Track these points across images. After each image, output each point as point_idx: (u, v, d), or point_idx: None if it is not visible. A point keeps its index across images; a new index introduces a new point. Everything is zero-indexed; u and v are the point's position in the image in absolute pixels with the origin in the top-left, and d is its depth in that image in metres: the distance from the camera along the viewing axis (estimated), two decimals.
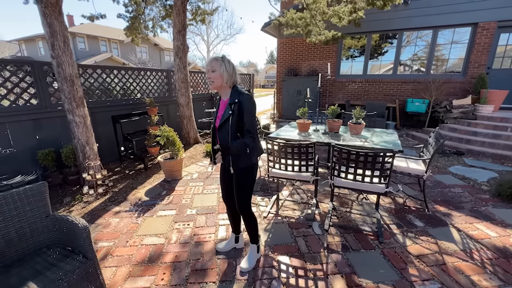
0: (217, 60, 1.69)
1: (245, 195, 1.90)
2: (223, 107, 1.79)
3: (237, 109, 1.69)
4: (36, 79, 3.53)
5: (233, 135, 1.72)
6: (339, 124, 3.40)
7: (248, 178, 1.88)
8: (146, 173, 4.13)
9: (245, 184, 1.87)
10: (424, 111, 6.86)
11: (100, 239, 2.43)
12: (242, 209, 1.93)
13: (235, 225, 2.23)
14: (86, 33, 21.85)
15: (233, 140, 1.72)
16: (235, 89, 1.76)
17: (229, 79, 1.71)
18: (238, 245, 2.28)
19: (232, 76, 1.73)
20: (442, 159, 4.61)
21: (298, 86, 8.35)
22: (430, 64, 7.21)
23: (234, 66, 1.75)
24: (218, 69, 1.68)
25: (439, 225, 2.60)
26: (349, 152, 2.26)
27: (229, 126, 1.71)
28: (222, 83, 1.71)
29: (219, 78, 1.69)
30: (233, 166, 1.79)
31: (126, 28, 5.96)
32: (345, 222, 2.67)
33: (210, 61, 1.70)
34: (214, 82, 1.71)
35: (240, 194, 1.89)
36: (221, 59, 1.70)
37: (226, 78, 1.70)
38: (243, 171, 1.83)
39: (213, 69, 1.68)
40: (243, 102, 1.69)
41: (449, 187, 3.47)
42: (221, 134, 1.77)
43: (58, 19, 2.98)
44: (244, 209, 1.93)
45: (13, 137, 3.36)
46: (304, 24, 6.04)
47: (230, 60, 1.73)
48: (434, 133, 3.03)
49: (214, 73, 1.69)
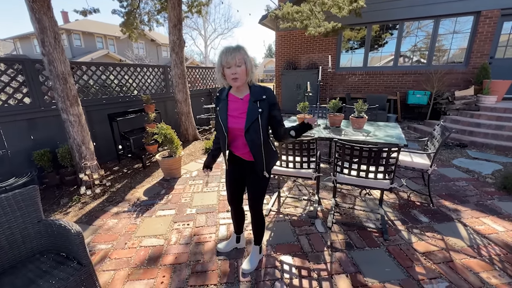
0: (241, 52, 1.45)
1: (262, 194, 1.80)
2: (241, 106, 1.57)
3: (267, 106, 1.54)
4: (28, 77, 3.42)
5: (264, 134, 1.58)
6: (340, 118, 3.31)
7: (268, 179, 1.76)
8: (144, 172, 4.06)
9: (266, 184, 1.77)
10: (425, 103, 6.75)
11: (98, 241, 2.37)
12: (256, 208, 1.82)
13: (238, 226, 2.16)
14: (82, 30, 21.49)
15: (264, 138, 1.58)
16: (254, 85, 1.59)
17: (249, 73, 1.51)
18: (239, 245, 2.22)
19: (252, 68, 1.52)
20: (445, 152, 4.53)
21: (297, 80, 8.22)
22: (431, 55, 7.07)
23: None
24: (244, 63, 1.46)
25: (445, 220, 2.54)
26: (352, 148, 2.18)
27: (260, 125, 1.53)
28: (246, 79, 1.52)
29: (244, 74, 1.48)
30: (266, 169, 1.67)
31: (122, 24, 5.81)
32: (348, 219, 2.61)
33: (233, 53, 1.43)
34: (239, 79, 1.47)
35: (258, 193, 1.78)
36: (244, 51, 1.47)
37: (250, 73, 1.51)
38: (270, 172, 1.74)
39: (239, 63, 1.44)
40: (270, 97, 1.55)
41: (454, 181, 3.40)
42: (250, 135, 1.55)
43: (47, 14, 2.86)
44: (258, 208, 1.83)
45: (6, 138, 3.27)
46: (302, 18, 5.88)
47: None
48: (439, 125, 2.94)
49: (240, 68, 1.45)
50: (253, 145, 1.57)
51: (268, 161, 1.67)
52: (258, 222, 1.90)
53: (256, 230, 1.94)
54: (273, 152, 1.74)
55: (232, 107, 1.60)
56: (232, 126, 1.59)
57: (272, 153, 1.73)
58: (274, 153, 1.75)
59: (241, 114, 1.56)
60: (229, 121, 1.59)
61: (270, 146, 1.69)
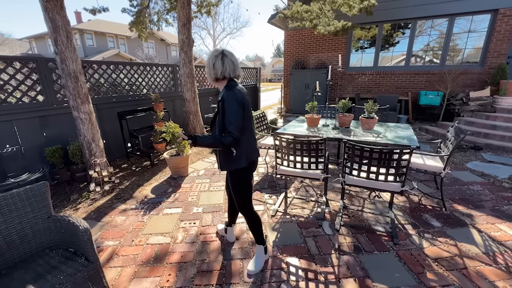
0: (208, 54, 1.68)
1: (241, 196, 1.85)
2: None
3: (221, 107, 1.61)
4: (42, 75, 3.50)
5: (219, 133, 1.66)
6: (350, 118, 3.25)
7: (240, 182, 1.80)
8: (152, 170, 4.09)
9: (237, 187, 1.81)
10: (438, 103, 6.57)
11: (106, 238, 2.40)
12: (240, 209, 1.90)
13: (229, 218, 2.26)
14: (94, 30, 21.96)
15: None
16: (227, 85, 1.67)
17: (209, 74, 1.68)
18: (228, 236, 2.29)
19: (210, 70, 1.65)
20: (458, 154, 4.39)
21: (306, 80, 8.14)
22: (445, 55, 6.86)
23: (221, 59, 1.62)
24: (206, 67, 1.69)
25: (458, 225, 2.45)
26: (362, 149, 2.13)
27: (216, 124, 1.68)
28: (209, 78, 1.71)
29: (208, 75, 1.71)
30: (220, 166, 1.79)
31: (131, 23, 5.87)
32: (356, 221, 2.55)
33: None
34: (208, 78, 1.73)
35: (236, 195, 1.85)
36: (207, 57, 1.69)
37: (207, 72, 1.70)
38: (232, 174, 1.79)
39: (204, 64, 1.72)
40: (225, 100, 1.60)
41: (467, 184, 3.28)
42: (213, 131, 1.74)
43: (60, 13, 2.91)
44: (243, 209, 1.89)
45: (20, 135, 3.36)
46: (311, 17, 5.81)
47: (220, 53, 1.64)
48: (454, 127, 2.84)
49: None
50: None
51: (222, 160, 1.75)
52: (248, 221, 1.93)
53: (250, 229, 1.97)
54: (229, 154, 1.68)
55: None
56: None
57: (228, 155, 1.69)
58: (230, 155, 1.69)
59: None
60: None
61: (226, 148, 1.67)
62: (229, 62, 1.63)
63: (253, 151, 1.82)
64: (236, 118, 1.58)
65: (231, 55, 1.67)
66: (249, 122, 1.73)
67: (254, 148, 1.83)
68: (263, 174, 3.81)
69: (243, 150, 1.70)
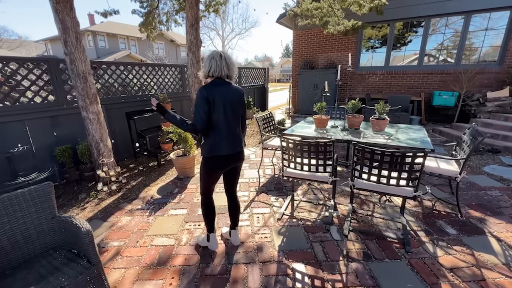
0: None
1: (201, 184, 2.06)
2: None
3: None
4: (52, 76, 3.56)
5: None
6: (360, 120, 3.15)
7: (202, 170, 1.98)
8: (159, 170, 4.10)
9: (201, 173, 2.02)
10: (453, 104, 6.33)
11: (112, 238, 2.40)
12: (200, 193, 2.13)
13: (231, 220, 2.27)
14: (106, 31, 22.48)
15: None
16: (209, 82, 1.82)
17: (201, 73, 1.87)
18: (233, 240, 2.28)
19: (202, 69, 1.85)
20: (475, 158, 4.20)
21: (314, 80, 8.03)
22: (460, 54, 6.61)
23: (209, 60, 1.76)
24: None
25: (475, 233, 2.32)
26: (372, 152, 2.04)
27: None
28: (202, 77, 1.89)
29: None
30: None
31: (141, 24, 5.94)
32: (366, 226, 2.45)
33: None
34: None
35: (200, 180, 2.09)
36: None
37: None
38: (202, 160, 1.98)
39: None
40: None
41: (485, 190, 3.12)
42: None
43: (70, 15, 2.94)
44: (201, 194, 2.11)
45: (31, 134, 3.42)
46: (321, 14, 5.71)
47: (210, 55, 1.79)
48: (470, 129, 2.70)
49: None
50: None
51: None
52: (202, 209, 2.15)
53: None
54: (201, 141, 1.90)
55: None
56: None
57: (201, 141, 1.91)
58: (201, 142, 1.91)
59: None
60: None
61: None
62: (214, 63, 1.76)
63: (218, 146, 1.85)
64: (197, 110, 1.75)
65: (219, 57, 1.76)
66: (220, 118, 1.80)
67: (221, 144, 1.85)
68: (270, 176, 3.75)
69: (208, 142, 1.85)
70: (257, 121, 3.69)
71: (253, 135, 6.28)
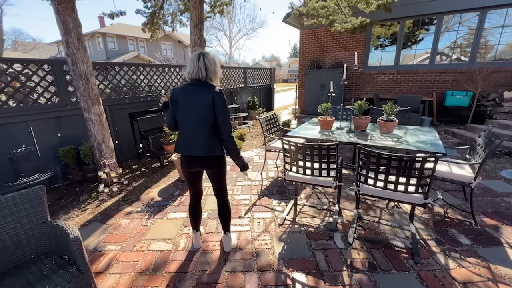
0: None
1: None
2: None
3: None
4: (56, 77, 3.57)
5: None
6: (366, 121, 3.01)
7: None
8: (161, 171, 4.07)
9: None
10: (467, 104, 6.06)
11: (109, 241, 2.36)
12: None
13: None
14: (116, 33, 22.86)
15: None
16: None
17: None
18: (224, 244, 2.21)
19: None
20: (491, 161, 3.98)
21: (321, 80, 7.86)
22: (475, 52, 6.32)
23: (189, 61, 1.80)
24: None
25: (491, 243, 2.16)
26: (379, 156, 1.92)
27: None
28: None
29: None
30: None
31: (144, 23, 5.94)
32: (372, 234, 2.33)
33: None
34: None
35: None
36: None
37: None
38: None
39: None
40: None
41: (502, 196, 2.93)
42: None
43: (72, 16, 2.93)
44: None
45: (36, 135, 3.44)
46: (327, 13, 5.57)
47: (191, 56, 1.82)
48: (486, 132, 2.53)
49: None
50: None
51: None
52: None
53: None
54: None
55: None
56: None
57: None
58: None
59: None
60: None
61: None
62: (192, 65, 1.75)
63: (178, 145, 1.88)
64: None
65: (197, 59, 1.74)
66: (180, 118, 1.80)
67: (180, 144, 1.86)
68: (273, 178, 3.66)
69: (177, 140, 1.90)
70: (259, 122, 3.60)
71: (257, 136, 6.19)
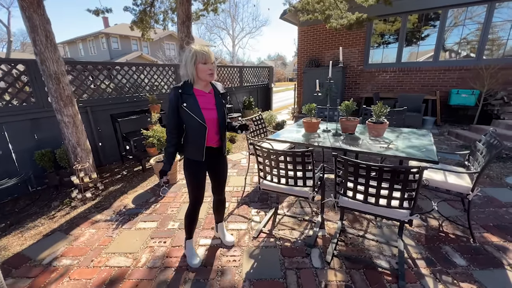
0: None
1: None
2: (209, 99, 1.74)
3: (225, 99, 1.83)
4: (32, 77, 3.43)
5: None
6: (354, 123, 2.75)
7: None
8: (143, 175, 3.89)
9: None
10: (473, 104, 5.68)
11: (66, 255, 2.17)
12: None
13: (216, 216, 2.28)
14: (119, 33, 22.96)
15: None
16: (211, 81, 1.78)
17: None
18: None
19: None
20: (495, 166, 3.65)
21: (320, 78, 7.53)
22: (482, 48, 5.92)
23: None
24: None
25: (490, 265, 1.88)
26: (356, 165, 1.67)
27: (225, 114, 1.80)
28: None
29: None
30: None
31: (133, 22, 5.77)
32: (354, 251, 2.07)
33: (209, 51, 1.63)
34: (214, 74, 1.67)
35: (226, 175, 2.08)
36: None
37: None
38: None
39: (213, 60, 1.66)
40: (225, 92, 1.84)
41: (506, 207, 2.63)
42: (222, 124, 1.79)
43: (38, 11, 2.77)
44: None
45: (10, 138, 3.30)
46: (323, 8, 5.29)
47: None
48: (487, 135, 2.24)
49: (214, 65, 1.66)
50: (223, 132, 1.83)
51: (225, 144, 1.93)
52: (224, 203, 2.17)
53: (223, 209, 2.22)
54: None
55: (202, 100, 1.69)
56: (208, 117, 1.70)
57: None
58: None
59: (212, 106, 1.73)
60: (204, 113, 1.67)
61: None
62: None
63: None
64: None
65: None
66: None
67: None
68: (256, 184, 3.42)
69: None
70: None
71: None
